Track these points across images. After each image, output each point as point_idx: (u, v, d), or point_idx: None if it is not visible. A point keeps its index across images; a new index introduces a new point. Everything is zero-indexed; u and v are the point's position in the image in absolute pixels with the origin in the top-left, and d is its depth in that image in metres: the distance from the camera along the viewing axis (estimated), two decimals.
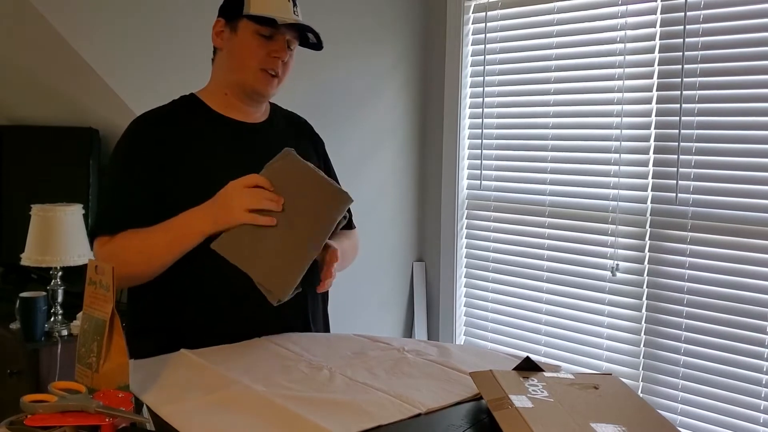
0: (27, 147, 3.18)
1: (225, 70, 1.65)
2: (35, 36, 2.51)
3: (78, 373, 1.21)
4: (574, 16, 2.82)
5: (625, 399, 1.18)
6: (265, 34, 1.58)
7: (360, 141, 3.16)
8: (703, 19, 2.46)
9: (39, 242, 2.52)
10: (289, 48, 1.62)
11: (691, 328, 2.53)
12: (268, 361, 1.42)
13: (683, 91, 2.51)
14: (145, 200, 1.54)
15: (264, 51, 1.59)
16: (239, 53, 1.61)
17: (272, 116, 1.75)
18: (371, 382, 1.30)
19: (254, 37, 1.59)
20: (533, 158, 2.98)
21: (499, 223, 3.12)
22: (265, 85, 1.62)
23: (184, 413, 1.16)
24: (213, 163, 1.58)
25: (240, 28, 1.60)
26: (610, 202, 2.73)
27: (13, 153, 3.24)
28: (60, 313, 2.56)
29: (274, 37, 1.59)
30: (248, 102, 1.67)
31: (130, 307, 1.63)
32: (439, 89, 3.27)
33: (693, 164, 2.50)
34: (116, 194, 1.59)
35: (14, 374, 2.56)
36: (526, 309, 3.03)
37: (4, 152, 3.26)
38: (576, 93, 2.83)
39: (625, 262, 2.70)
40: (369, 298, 3.26)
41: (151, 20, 2.54)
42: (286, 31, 1.60)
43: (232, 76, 1.64)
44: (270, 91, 1.64)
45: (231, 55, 1.63)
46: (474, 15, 3.16)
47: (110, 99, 2.59)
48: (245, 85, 1.63)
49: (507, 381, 1.18)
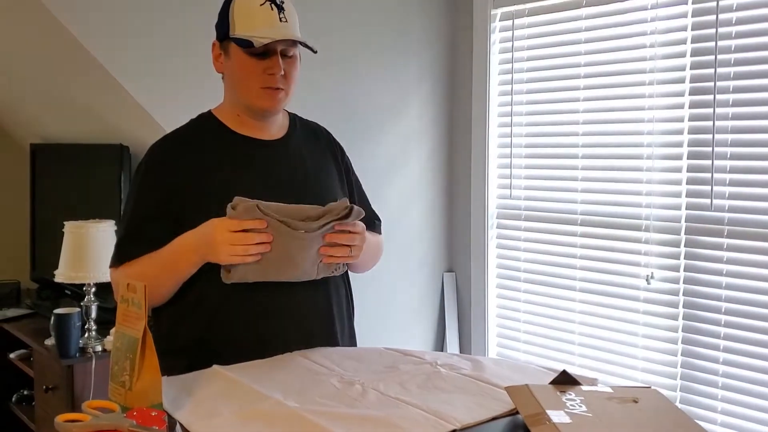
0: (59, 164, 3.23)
1: (231, 92, 1.65)
2: (66, 55, 2.54)
3: (111, 390, 1.21)
4: (603, 22, 2.79)
5: (666, 413, 1.14)
6: (256, 53, 1.55)
7: (388, 151, 3.15)
8: (736, 21, 2.42)
9: (72, 259, 2.54)
10: (286, 56, 1.58)
11: (729, 337, 2.47)
12: (300, 376, 1.41)
13: (716, 95, 2.46)
14: (160, 231, 1.55)
15: (259, 69, 1.56)
16: (237, 76, 1.60)
17: (291, 129, 1.73)
18: (404, 397, 1.28)
19: (246, 58, 1.56)
20: (564, 166, 2.94)
21: (530, 232, 3.08)
22: (270, 102, 1.60)
23: (216, 430, 1.16)
24: (230, 184, 1.58)
25: (231, 50, 1.58)
26: (643, 210, 2.68)
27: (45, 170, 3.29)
28: (94, 329, 2.58)
29: (267, 53, 1.55)
30: (259, 119, 1.66)
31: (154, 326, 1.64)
32: (467, 98, 3.26)
33: (728, 169, 2.45)
34: (132, 227, 1.60)
35: (50, 390, 2.58)
36: (559, 319, 2.99)
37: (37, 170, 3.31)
38: (606, 99, 2.79)
39: (660, 270, 2.65)
40: (399, 308, 3.24)
41: (180, 38, 2.56)
42: (278, 43, 1.55)
43: (238, 98, 1.63)
44: (277, 106, 1.62)
45: (231, 79, 1.63)
46: (501, 23, 3.14)
47: (140, 116, 2.61)
48: (251, 106, 1.62)
49: (544, 395, 1.16)
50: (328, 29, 2.89)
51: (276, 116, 1.69)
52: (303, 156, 1.70)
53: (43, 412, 2.70)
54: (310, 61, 1.77)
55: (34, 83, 3.01)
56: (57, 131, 3.27)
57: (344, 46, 2.97)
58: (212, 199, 1.53)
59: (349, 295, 1.76)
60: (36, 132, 3.38)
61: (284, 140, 1.70)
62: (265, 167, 1.64)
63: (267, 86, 1.57)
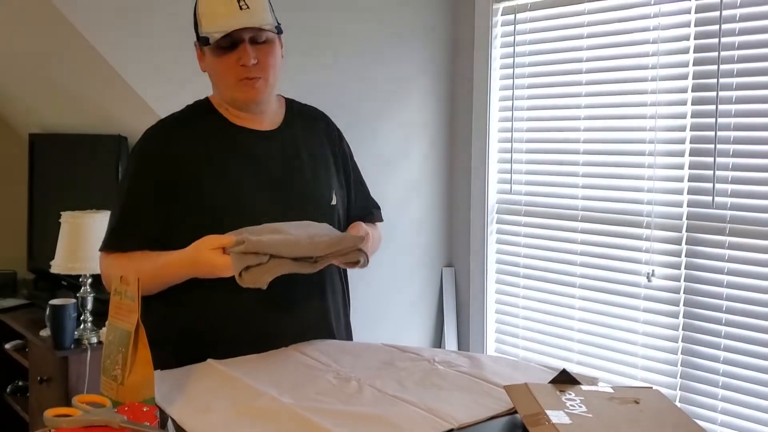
0: (57, 154, 3.21)
1: (215, 89, 1.65)
2: (65, 45, 2.52)
3: (103, 385, 1.19)
4: (606, 17, 2.76)
5: (667, 414, 1.13)
6: (224, 46, 1.53)
7: (387, 144, 3.13)
8: (740, 17, 2.39)
9: (69, 249, 2.53)
10: (257, 43, 1.55)
11: (730, 336, 2.45)
12: (295, 372, 1.39)
13: (719, 92, 2.44)
14: (153, 219, 1.55)
15: (232, 62, 1.54)
16: (215, 74, 1.60)
17: (287, 117, 1.71)
18: (401, 394, 1.27)
19: (217, 53, 1.55)
20: (565, 162, 2.92)
21: (530, 228, 3.06)
22: (249, 93, 1.58)
23: (210, 426, 1.14)
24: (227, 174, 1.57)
25: (204, 49, 1.58)
26: (644, 207, 2.66)
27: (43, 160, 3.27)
28: (89, 320, 2.56)
29: (235, 44, 1.53)
30: (247, 111, 1.64)
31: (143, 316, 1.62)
32: (468, 92, 3.23)
33: (730, 167, 2.43)
34: (125, 214, 1.59)
35: (44, 381, 2.57)
36: (558, 316, 2.97)
37: (35, 160, 3.29)
38: (608, 95, 2.77)
39: (661, 267, 2.63)
40: (397, 303, 3.22)
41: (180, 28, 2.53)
42: (243, 33, 1.52)
43: (222, 95, 1.63)
44: (257, 96, 1.59)
45: (212, 77, 1.62)
46: (503, 17, 3.11)
47: (138, 107, 2.59)
48: (234, 99, 1.61)
49: (543, 395, 1.14)
50: (329, 22, 2.87)
51: (267, 105, 1.66)
52: (298, 146, 1.68)
53: (38, 403, 2.69)
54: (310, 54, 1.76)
55: (33, 73, 2.99)
56: (55, 121, 3.25)
57: (345, 38, 2.94)
58: (205, 189, 1.53)
59: (345, 287, 1.75)
60: (34, 122, 3.36)
61: (279, 130, 1.68)
62: (260, 159, 1.62)
63: (242, 77, 1.55)
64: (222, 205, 1.55)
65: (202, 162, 1.58)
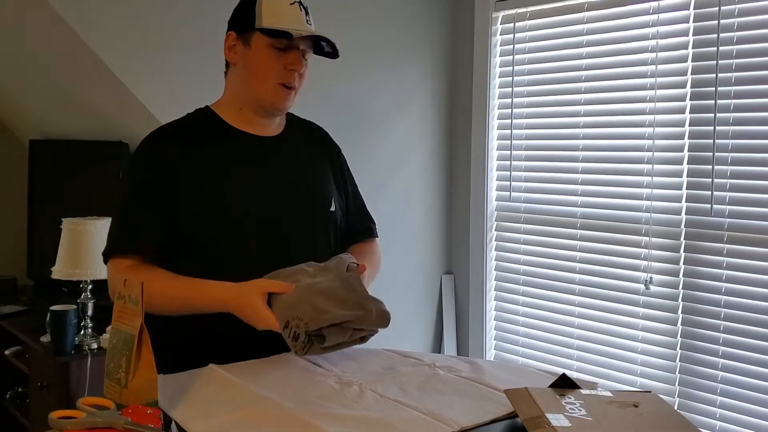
0: (58, 161, 3.21)
1: (240, 85, 1.63)
2: (66, 51, 2.53)
3: (107, 388, 1.20)
4: (605, 25, 2.78)
5: (666, 417, 1.13)
6: (279, 47, 1.56)
7: (387, 152, 3.14)
8: (738, 27, 2.41)
9: (69, 256, 2.53)
10: (303, 58, 1.60)
11: (728, 343, 2.46)
12: (297, 376, 1.40)
13: (717, 100, 2.46)
14: (157, 224, 1.54)
15: (280, 64, 1.57)
16: (255, 68, 1.59)
17: (288, 127, 1.73)
18: (402, 399, 1.27)
19: (269, 51, 1.56)
20: (564, 169, 2.93)
21: (529, 235, 3.08)
22: (282, 100, 1.61)
23: (212, 430, 1.15)
24: (228, 179, 1.58)
25: (253, 41, 1.57)
26: (643, 214, 2.68)
27: (44, 167, 3.27)
28: (90, 326, 2.56)
29: (288, 49, 1.57)
30: (264, 116, 1.65)
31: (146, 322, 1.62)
32: (467, 100, 3.25)
33: (729, 174, 2.45)
34: (129, 217, 1.58)
35: (44, 387, 2.57)
36: (557, 323, 2.98)
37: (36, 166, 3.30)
38: (607, 103, 2.79)
39: (659, 275, 2.64)
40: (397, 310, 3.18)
41: (181, 35, 2.55)
42: (301, 42, 1.57)
43: (248, 92, 1.62)
44: (287, 104, 1.63)
45: (246, 70, 1.61)
46: (502, 26, 3.14)
47: (140, 113, 2.60)
48: (263, 101, 1.61)
49: (543, 399, 1.15)
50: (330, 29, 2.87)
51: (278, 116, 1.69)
52: (298, 154, 1.70)
53: (38, 409, 2.69)
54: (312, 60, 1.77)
55: (34, 79, 3.00)
56: (56, 127, 3.26)
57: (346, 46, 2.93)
58: (205, 194, 1.54)
59: None
60: (35, 128, 3.36)
61: (280, 137, 1.69)
62: (259, 164, 1.63)
63: (283, 82, 1.58)
64: (223, 210, 1.56)
65: (203, 167, 1.58)
